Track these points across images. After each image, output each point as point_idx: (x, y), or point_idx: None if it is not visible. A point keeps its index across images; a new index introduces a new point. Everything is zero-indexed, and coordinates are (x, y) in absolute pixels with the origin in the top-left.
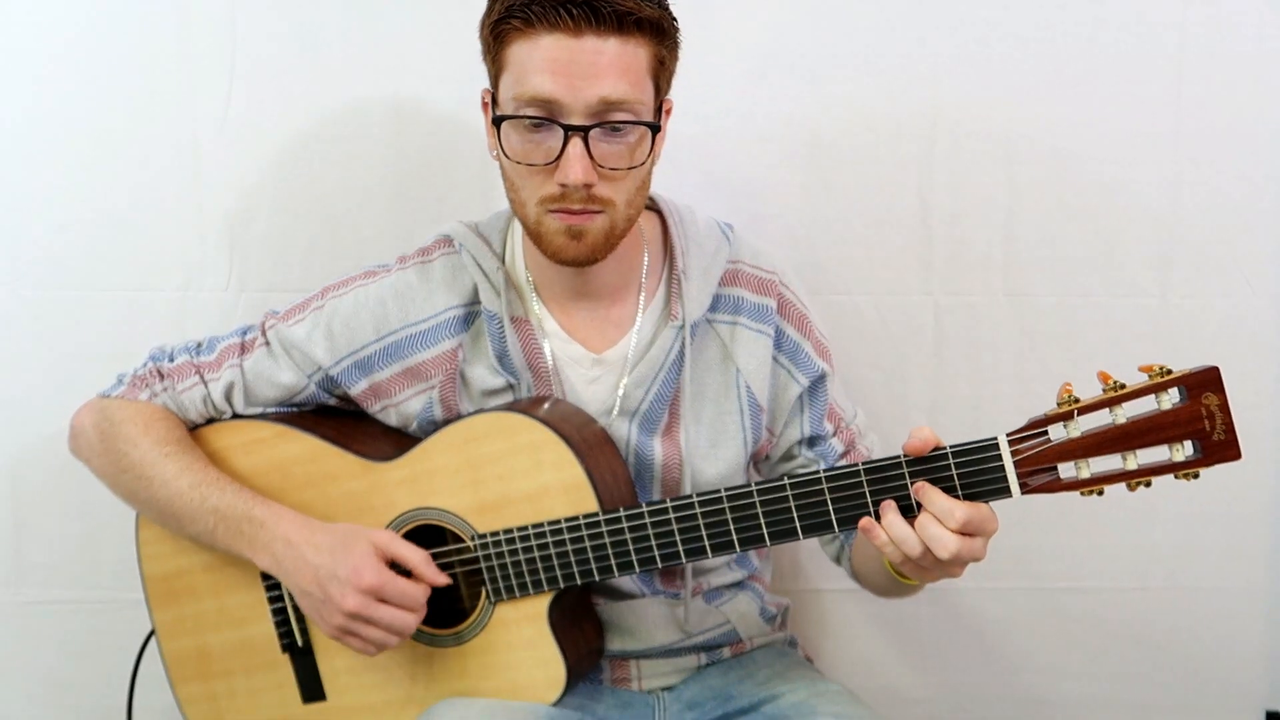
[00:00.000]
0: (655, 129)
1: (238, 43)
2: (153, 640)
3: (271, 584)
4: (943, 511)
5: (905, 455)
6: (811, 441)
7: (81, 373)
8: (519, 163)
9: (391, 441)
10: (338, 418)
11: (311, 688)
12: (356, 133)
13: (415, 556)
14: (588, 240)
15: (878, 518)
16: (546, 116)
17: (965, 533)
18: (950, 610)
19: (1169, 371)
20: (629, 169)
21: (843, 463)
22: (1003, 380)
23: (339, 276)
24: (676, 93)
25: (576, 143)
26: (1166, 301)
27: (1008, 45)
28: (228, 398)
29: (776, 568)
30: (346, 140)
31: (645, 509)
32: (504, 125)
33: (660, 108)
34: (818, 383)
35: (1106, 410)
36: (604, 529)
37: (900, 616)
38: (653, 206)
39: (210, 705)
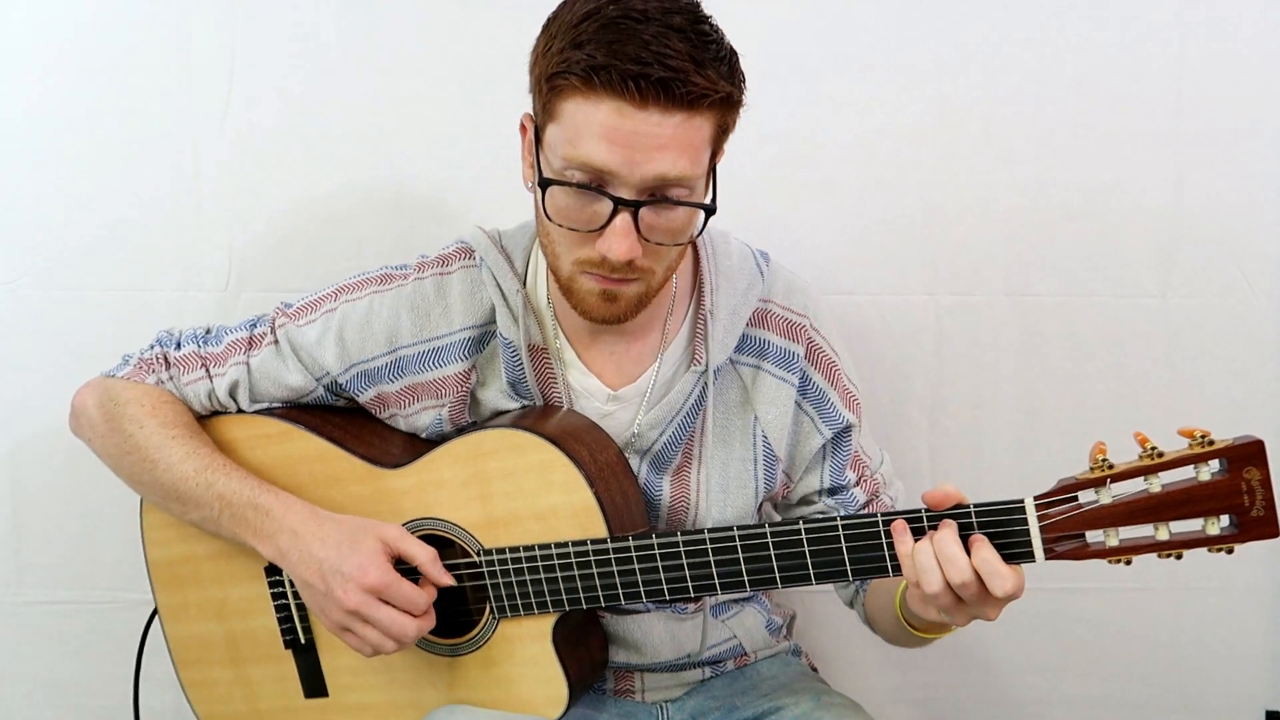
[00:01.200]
0: (711, 211)
1: (238, 43)
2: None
3: (274, 579)
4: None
5: (926, 509)
6: (832, 491)
7: (81, 372)
8: (561, 225)
9: (400, 445)
10: (346, 416)
11: (313, 683)
12: (356, 134)
13: (423, 555)
14: (621, 304)
15: (894, 569)
16: (596, 185)
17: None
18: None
19: (1211, 442)
20: (674, 244)
21: (864, 513)
22: (1003, 380)
23: (354, 275)
24: None
25: (625, 217)
26: (1166, 301)
27: (1008, 45)
28: (232, 395)
29: None
30: (346, 140)
31: (655, 541)
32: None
33: (714, 168)
34: (842, 434)
35: (1141, 477)
36: (612, 556)
37: None
38: None
39: (213, 691)
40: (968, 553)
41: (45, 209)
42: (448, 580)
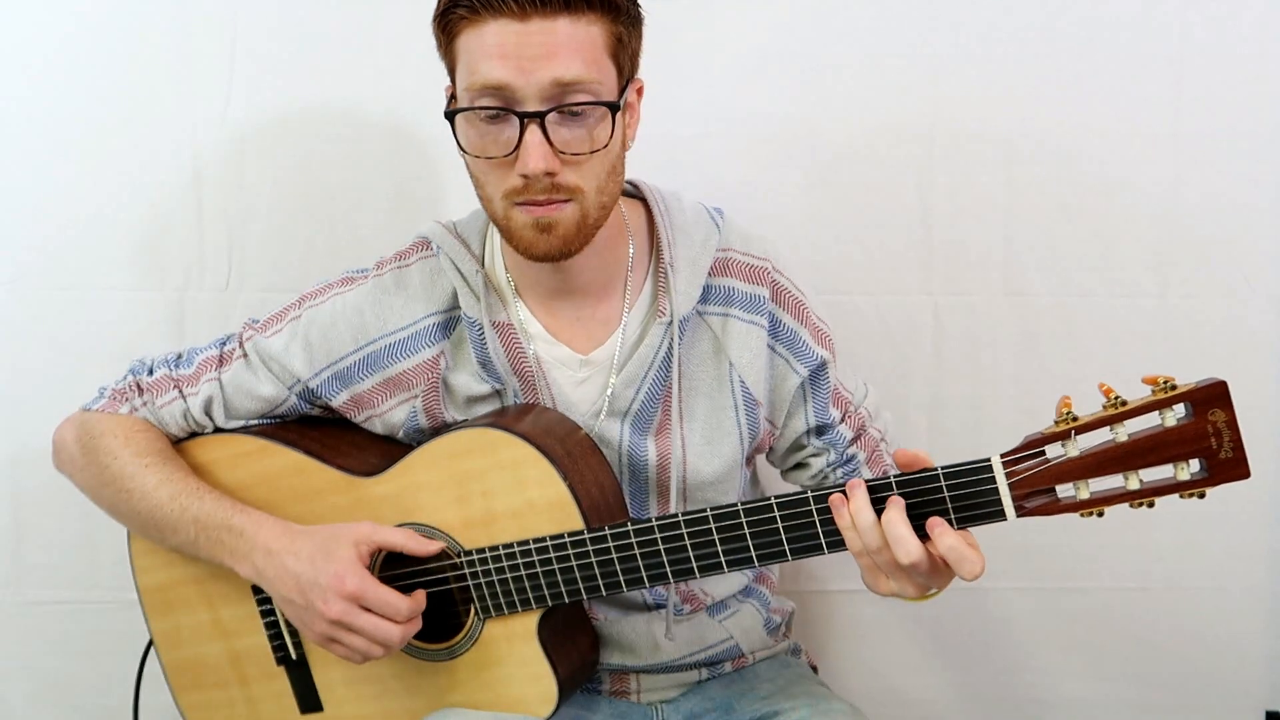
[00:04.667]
0: (615, 108)
1: (238, 43)
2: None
3: (263, 597)
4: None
5: (895, 475)
6: (819, 430)
7: (82, 373)
8: (477, 156)
9: (377, 452)
10: (322, 428)
11: (308, 698)
12: (356, 133)
13: (398, 537)
14: (558, 232)
15: None
16: (500, 105)
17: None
18: (951, 611)
19: (1174, 386)
20: (591, 153)
21: (853, 449)
22: (1003, 380)
23: (317, 283)
24: (676, 91)
25: (534, 130)
26: (1166, 301)
27: (1008, 45)
28: (207, 412)
29: (781, 567)
30: (346, 140)
31: (630, 528)
32: (458, 119)
33: (625, 88)
34: (818, 371)
35: (1107, 427)
36: (590, 548)
37: (902, 617)
38: (637, 194)
39: (211, 713)
40: (924, 537)
41: (45, 208)
42: (433, 548)
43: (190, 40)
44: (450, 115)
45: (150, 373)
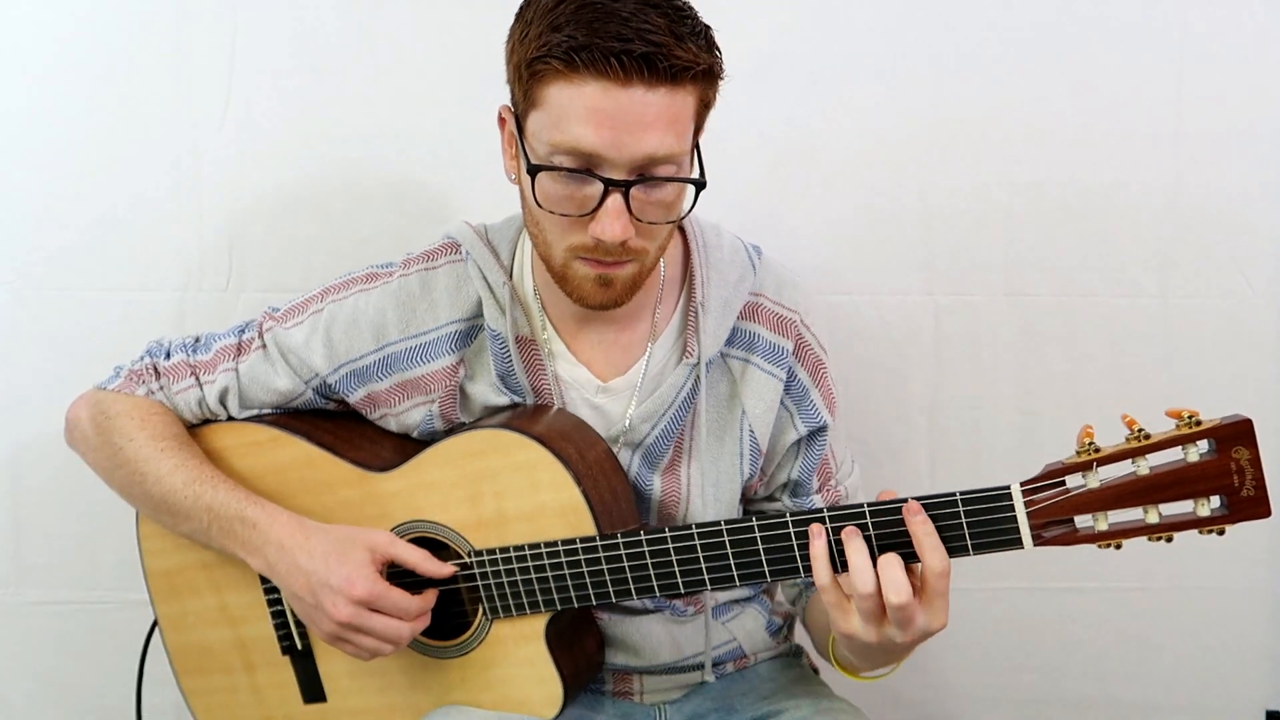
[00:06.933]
0: (701, 185)
1: (238, 43)
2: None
3: (270, 585)
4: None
5: (916, 498)
6: (794, 489)
7: (81, 373)
8: (552, 212)
9: (390, 448)
10: (335, 420)
11: (312, 689)
12: (356, 133)
13: (414, 556)
14: (616, 287)
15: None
16: (585, 169)
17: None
18: (951, 610)
19: (1198, 421)
20: (667, 222)
21: (852, 503)
22: (1003, 380)
23: (341, 276)
24: None
25: (616, 198)
26: (1166, 301)
27: (1008, 45)
28: (222, 402)
29: None
30: (346, 140)
31: (643, 539)
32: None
33: (698, 144)
34: (816, 433)
35: (1129, 460)
36: (601, 554)
37: None
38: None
39: (214, 699)
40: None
41: (45, 209)
42: (446, 570)
43: (190, 40)
44: (532, 171)
45: (167, 356)
